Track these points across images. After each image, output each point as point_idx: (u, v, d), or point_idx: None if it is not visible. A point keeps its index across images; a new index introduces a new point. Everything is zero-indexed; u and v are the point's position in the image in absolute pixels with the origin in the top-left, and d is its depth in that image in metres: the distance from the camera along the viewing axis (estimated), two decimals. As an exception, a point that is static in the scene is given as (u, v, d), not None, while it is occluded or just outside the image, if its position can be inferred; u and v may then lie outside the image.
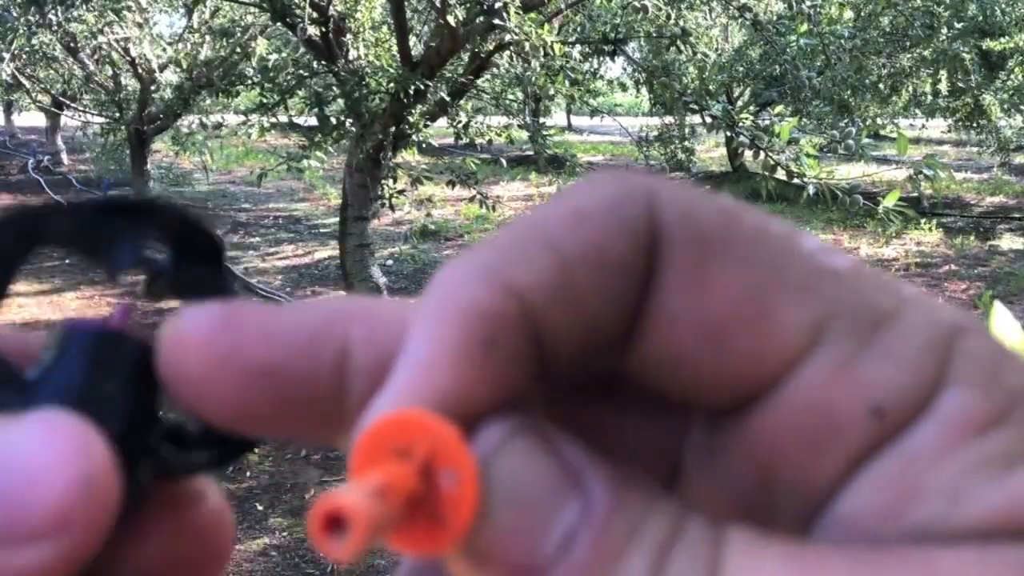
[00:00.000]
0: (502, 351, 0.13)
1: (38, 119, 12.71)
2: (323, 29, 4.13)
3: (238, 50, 5.71)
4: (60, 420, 0.14)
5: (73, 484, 0.13)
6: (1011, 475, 0.13)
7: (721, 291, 0.14)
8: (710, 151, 12.91)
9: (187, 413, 0.15)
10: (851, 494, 0.14)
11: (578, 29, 4.81)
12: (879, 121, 7.64)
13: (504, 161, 5.51)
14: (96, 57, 6.86)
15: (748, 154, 4.43)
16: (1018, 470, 0.13)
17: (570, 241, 0.14)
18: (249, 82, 4.43)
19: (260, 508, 2.90)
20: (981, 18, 6.61)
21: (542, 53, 3.56)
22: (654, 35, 4.41)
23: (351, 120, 4.25)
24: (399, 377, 0.14)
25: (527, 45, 3.49)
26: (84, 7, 5.81)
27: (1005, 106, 6.36)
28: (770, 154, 3.74)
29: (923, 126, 9.66)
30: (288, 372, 0.15)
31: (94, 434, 0.14)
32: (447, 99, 4.13)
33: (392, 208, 4.54)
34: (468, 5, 3.72)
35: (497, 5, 3.46)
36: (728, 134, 3.95)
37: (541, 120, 4.37)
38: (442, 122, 4.41)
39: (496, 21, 3.53)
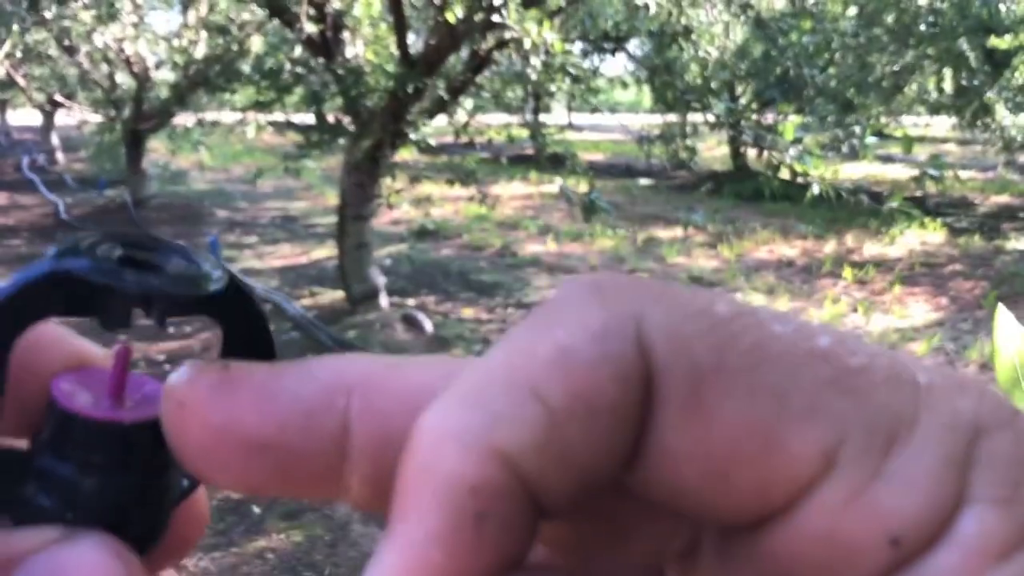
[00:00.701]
0: (495, 522, 0.13)
1: (33, 117, 12.68)
2: (321, 26, 4.10)
3: (235, 47, 5.66)
4: (108, 549, 0.15)
5: None
6: None
7: (721, 427, 0.13)
8: (712, 149, 12.89)
9: (191, 472, 0.16)
10: None
11: (579, 26, 4.77)
12: (883, 119, 7.62)
13: (504, 160, 5.47)
14: (90, 54, 6.82)
15: (751, 153, 4.39)
16: None
17: (557, 391, 0.13)
18: (246, 79, 4.38)
19: (257, 511, 2.86)
20: (986, 16, 6.58)
21: (542, 51, 3.52)
22: (656, 32, 4.37)
23: (349, 118, 4.22)
24: (386, 564, 0.13)
25: (527, 42, 3.45)
26: (79, 3, 5.77)
27: (1010, 104, 6.33)
28: (773, 153, 3.71)
29: (927, 124, 9.64)
30: (286, 448, 0.15)
31: (134, 561, 0.16)
32: (446, 97, 4.10)
33: (390, 207, 4.50)
34: (467, 2, 3.69)
35: (497, 2, 3.42)
36: (731, 133, 3.90)
37: (541, 118, 4.33)
38: (441, 120, 4.38)
39: (495, 18, 3.49)
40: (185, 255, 0.16)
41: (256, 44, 5.06)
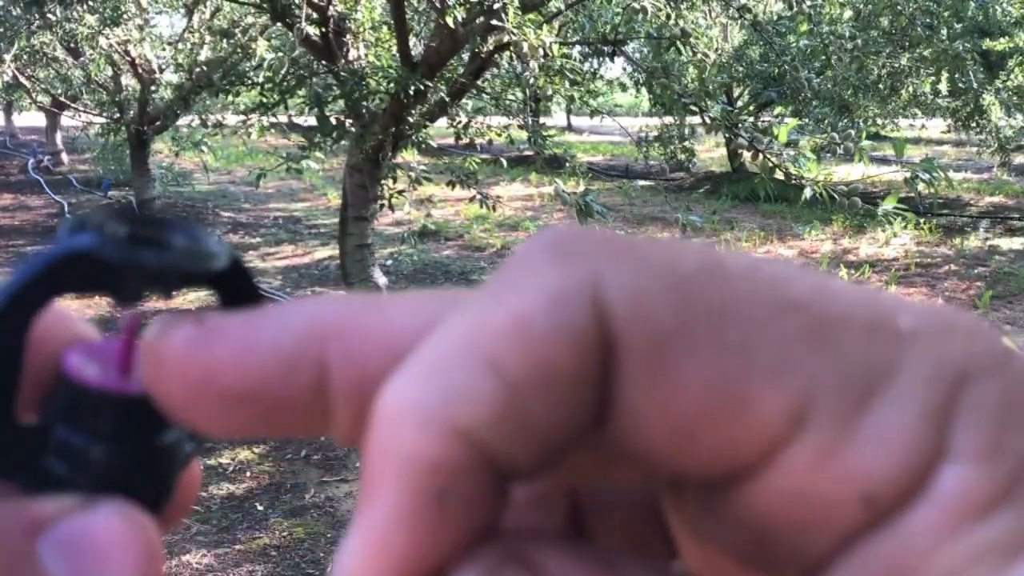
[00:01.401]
0: (457, 498, 0.13)
1: (38, 119, 12.71)
2: (323, 29, 4.13)
3: (238, 50, 5.71)
4: (126, 515, 0.16)
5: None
6: (1010, 569, 0.12)
7: (685, 389, 0.13)
8: (710, 151, 12.90)
9: (180, 423, 0.16)
10: (844, 571, 0.13)
11: (578, 30, 4.81)
12: (879, 121, 7.64)
13: (504, 161, 5.51)
14: (94, 57, 6.86)
15: (747, 155, 4.43)
16: (1019, 563, 0.12)
17: (514, 361, 0.13)
18: (249, 82, 4.43)
19: (260, 508, 2.89)
20: (981, 18, 6.61)
21: (541, 54, 3.56)
22: (654, 36, 4.41)
23: (351, 120, 4.24)
24: (353, 550, 0.13)
25: (525, 46, 3.49)
26: (83, 6, 5.81)
27: (1005, 106, 6.36)
28: (769, 156, 3.74)
29: (923, 126, 9.66)
30: (267, 397, 0.15)
31: (150, 525, 0.16)
32: (447, 99, 4.13)
33: (392, 208, 4.54)
34: (468, 5, 3.72)
35: (496, 6, 3.46)
36: (727, 135, 3.94)
37: (541, 120, 4.37)
38: (442, 122, 4.40)
39: (495, 22, 3.53)
40: (187, 231, 0.17)
41: (260, 47, 5.11)
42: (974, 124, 7.27)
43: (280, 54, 4.62)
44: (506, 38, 3.57)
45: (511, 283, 0.14)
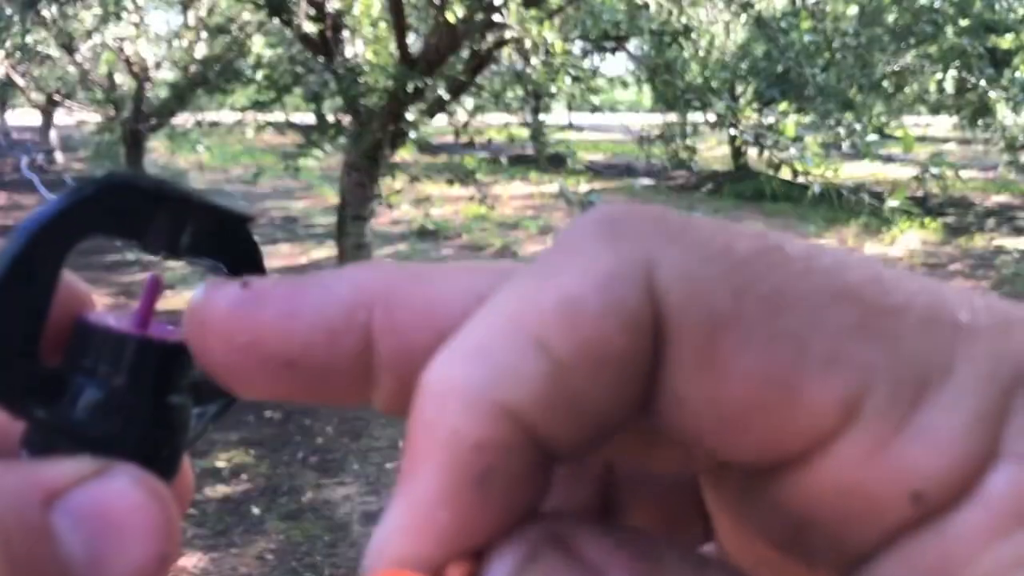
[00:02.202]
0: (501, 478, 0.13)
1: (32, 117, 12.70)
2: (320, 26, 4.10)
3: (234, 47, 5.67)
4: (143, 483, 0.16)
5: (157, 550, 0.15)
6: None
7: (737, 376, 0.13)
8: (713, 149, 12.89)
9: (216, 384, 0.16)
10: (886, 566, 0.13)
11: (579, 26, 4.76)
12: (883, 119, 7.63)
13: (504, 159, 5.48)
14: (91, 55, 6.84)
15: (752, 152, 4.39)
16: None
17: (563, 341, 0.13)
18: (245, 79, 4.39)
19: (256, 512, 2.88)
20: (987, 15, 6.58)
21: (542, 50, 3.52)
22: (656, 32, 4.37)
23: (349, 118, 4.23)
24: (394, 526, 0.13)
25: (527, 42, 3.45)
26: (79, 4, 5.77)
27: (1012, 104, 6.34)
28: (774, 152, 3.71)
29: (928, 124, 9.67)
30: (310, 364, 0.15)
31: (168, 494, 0.16)
32: (446, 97, 4.10)
33: (390, 207, 4.51)
34: (467, 1, 3.69)
35: (497, 2, 3.42)
36: (731, 132, 3.91)
37: (541, 118, 4.34)
38: (441, 120, 4.38)
39: (496, 18, 3.49)
40: (194, 191, 0.17)
41: (256, 44, 5.07)
42: (980, 122, 7.27)
43: (277, 51, 4.58)
44: (507, 34, 3.54)
45: (561, 262, 0.13)
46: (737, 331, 0.13)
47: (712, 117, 4.05)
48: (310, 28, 4.07)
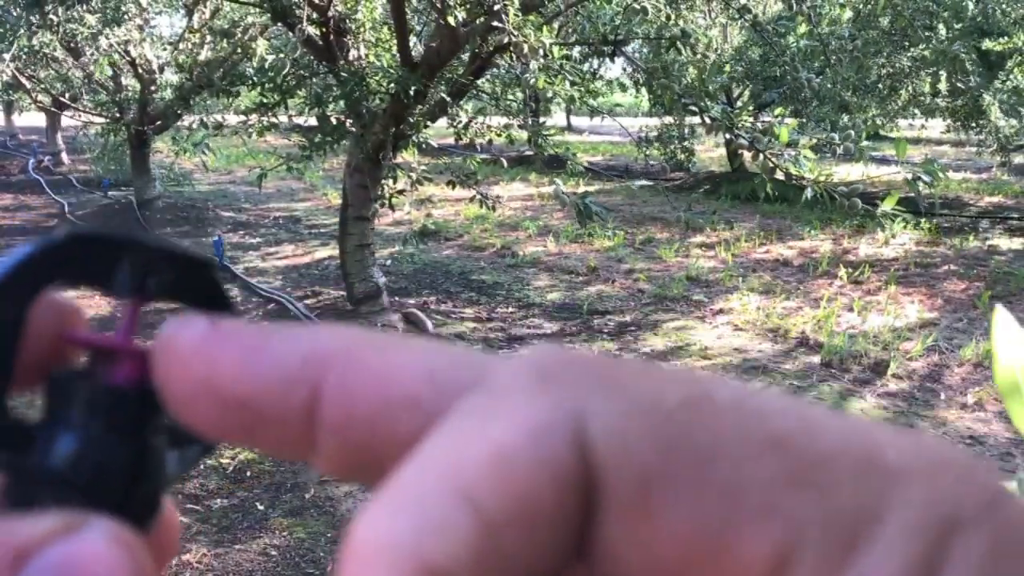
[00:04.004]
0: None
1: (38, 119, 12.71)
2: (323, 29, 4.13)
3: (238, 50, 5.71)
4: (114, 538, 0.15)
5: None
6: None
7: (668, 533, 0.13)
8: (710, 151, 12.90)
9: (179, 419, 0.16)
10: None
11: (578, 30, 4.81)
12: (878, 121, 7.64)
13: (504, 161, 5.52)
14: (96, 58, 6.87)
15: (748, 155, 4.44)
16: None
17: (492, 496, 0.12)
18: (249, 82, 4.43)
19: (260, 508, 2.88)
20: (980, 18, 6.61)
21: (541, 55, 3.56)
22: (653, 37, 4.41)
23: (351, 120, 4.25)
24: None
25: (526, 47, 3.49)
26: (83, 7, 5.81)
27: (1004, 106, 6.36)
28: (769, 156, 3.74)
29: (922, 126, 9.68)
30: (259, 408, 0.15)
31: (139, 547, 0.15)
32: (447, 99, 4.13)
33: (392, 208, 4.55)
34: (468, 6, 3.73)
35: (496, 7, 3.46)
36: (728, 135, 3.95)
37: (541, 120, 4.38)
38: (442, 122, 4.41)
39: (495, 23, 3.53)
40: (154, 238, 0.18)
41: (260, 47, 5.11)
42: (973, 124, 7.28)
43: (281, 55, 4.62)
44: (507, 39, 3.58)
45: (494, 409, 0.13)
46: (667, 487, 0.13)
47: (708, 120, 4.10)
48: (313, 32, 4.11)
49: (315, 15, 4.02)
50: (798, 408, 0.14)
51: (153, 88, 7.07)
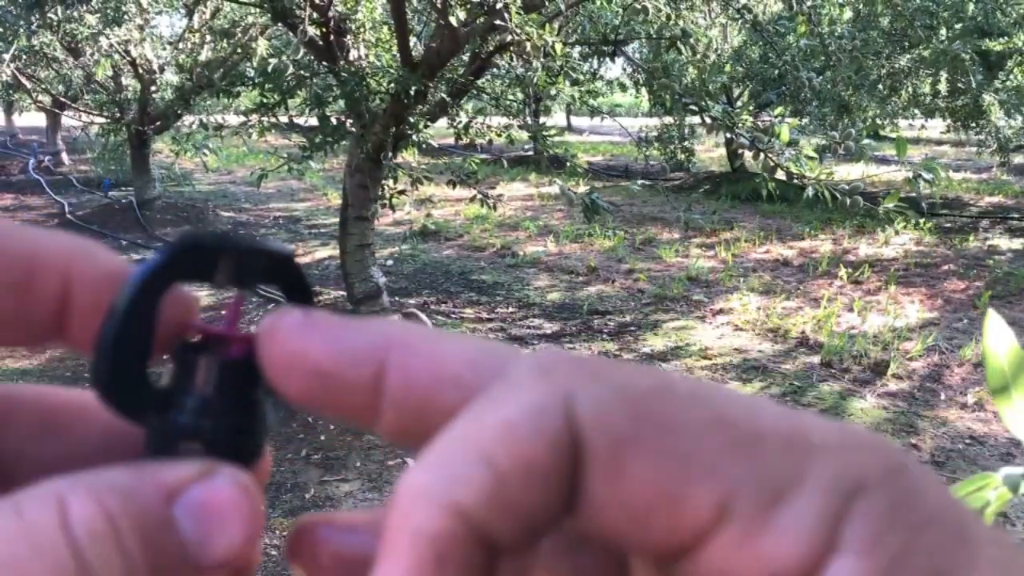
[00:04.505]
0: (452, 563, 0.16)
1: (38, 119, 12.72)
2: (324, 30, 4.13)
3: (239, 51, 5.71)
4: (238, 481, 0.20)
5: (247, 531, 0.20)
6: None
7: (635, 484, 0.16)
8: (710, 151, 12.91)
9: (276, 387, 0.21)
10: None
11: (578, 30, 4.81)
12: (878, 121, 7.64)
13: (504, 161, 5.52)
14: (96, 58, 6.86)
15: (748, 155, 4.43)
16: None
17: (502, 455, 0.17)
18: (250, 82, 4.43)
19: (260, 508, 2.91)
20: (981, 18, 6.61)
21: (543, 54, 3.56)
22: (654, 36, 4.41)
23: (351, 120, 4.25)
24: None
25: (528, 46, 3.49)
26: (84, 7, 5.81)
27: (1004, 106, 6.36)
28: (770, 155, 3.74)
29: (922, 126, 9.68)
30: (337, 378, 0.19)
31: (254, 488, 0.20)
32: (447, 99, 4.13)
33: (392, 208, 4.54)
34: (469, 6, 3.73)
35: (498, 6, 3.46)
36: (728, 135, 3.95)
37: (541, 120, 4.37)
38: (442, 122, 4.41)
39: (497, 22, 3.53)
40: (249, 240, 0.22)
41: (261, 47, 5.11)
42: (974, 124, 7.27)
43: (282, 56, 4.62)
44: (508, 38, 3.58)
45: (506, 394, 0.18)
46: (635, 449, 0.16)
47: (708, 120, 4.10)
48: (313, 32, 4.11)
49: (316, 15, 4.02)
50: (742, 398, 0.18)
51: (153, 88, 7.06)
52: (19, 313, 0.21)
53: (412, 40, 4.53)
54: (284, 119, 4.55)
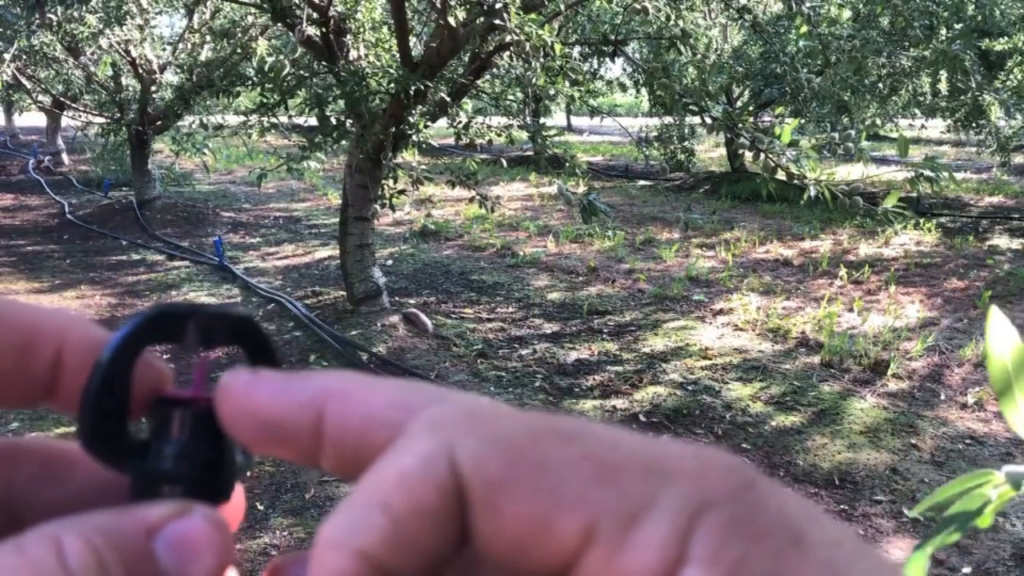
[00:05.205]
0: None
1: (39, 119, 12.73)
2: (323, 29, 4.14)
3: (238, 51, 5.72)
4: (211, 518, 0.23)
5: (218, 561, 0.22)
6: None
7: (509, 518, 0.19)
8: (710, 151, 12.92)
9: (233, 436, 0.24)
10: None
11: (578, 30, 4.81)
12: (878, 121, 7.65)
13: (504, 161, 5.52)
14: (96, 58, 6.87)
15: (748, 155, 4.44)
16: None
17: (397, 500, 0.19)
18: (249, 82, 4.43)
19: (260, 508, 2.90)
20: (980, 18, 6.62)
21: (542, 54, 3.57)
22: (654, 36, 4.42)
23: (351, 120, 4.25)
24: None
25: (528, 46, 3.50)
26: (84, 8, 5.82)
27: (1005, 106, 6.37)
28: (770, 156, 3.74)
29: (923, 126, 9.69)
30: (282, 427, 0.22)
31: (226, 524, 0.23)
32: (447, 99, 4.14)
33: (392, 208, 4.54)
34: (468, 6, 3.73)
35: (498, 6, 3.47)
36: (728, 135, 3.94)
37: (541, 120, 4.38)
38: (442, 122, 4.41)
39: (497, 22, 3.53)
40: (212, 307, 0.25)
41: (260, 47, 5.11)
42: (974, 124, 7.28)
43: (281, 56, 4.62)
44: (508, 38, 3.58)
45: (404, 447, 0.20)
46: (509, 488, 0.19)
47: (708, 120, 4.10)
48: (313, 32, 4.11)
49: (315, 15, 4.02)
50: (610, 433, 0.20)
51: (153, 88, 7.07)
52: (20, 373, 0.24)
53: (412, 40, 4.53)
54: (284, 119, 4.55)
